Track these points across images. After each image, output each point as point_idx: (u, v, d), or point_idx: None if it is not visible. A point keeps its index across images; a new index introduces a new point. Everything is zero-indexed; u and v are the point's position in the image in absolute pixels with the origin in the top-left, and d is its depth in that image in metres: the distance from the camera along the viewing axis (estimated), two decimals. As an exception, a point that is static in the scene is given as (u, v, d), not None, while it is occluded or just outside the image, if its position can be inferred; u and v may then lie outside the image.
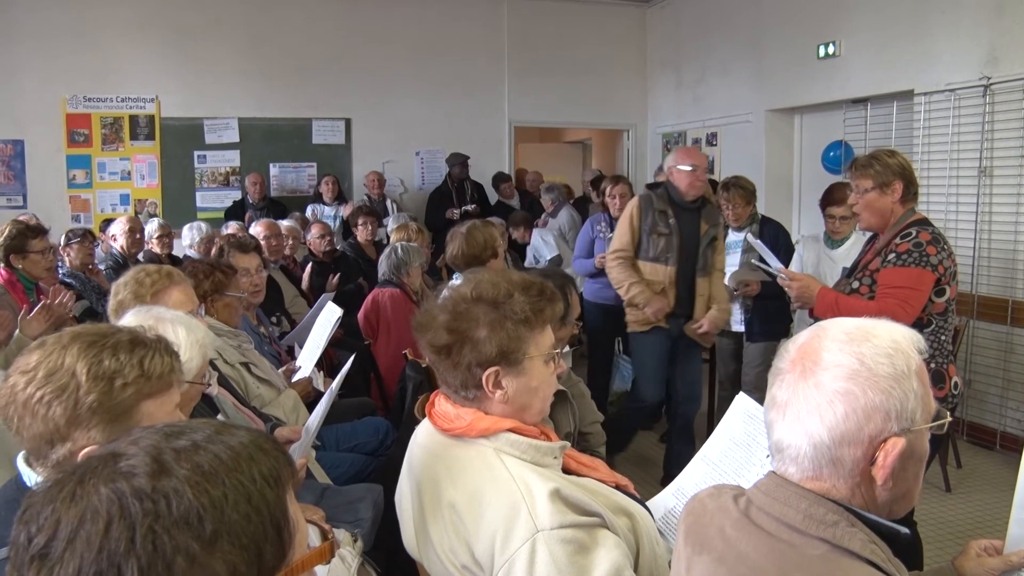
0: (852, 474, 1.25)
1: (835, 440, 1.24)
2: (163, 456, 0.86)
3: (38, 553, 0.81)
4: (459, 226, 4.16)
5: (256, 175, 8.69)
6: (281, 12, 9.15)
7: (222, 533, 0.83)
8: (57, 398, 1.47)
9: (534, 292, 1.86)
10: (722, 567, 1.32)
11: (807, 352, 1.29)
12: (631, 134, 10.75)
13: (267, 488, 0.89)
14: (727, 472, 2.19)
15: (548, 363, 1.89)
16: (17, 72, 8.41)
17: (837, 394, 1.23)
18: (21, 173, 8.58)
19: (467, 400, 1.85)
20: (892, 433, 1.23)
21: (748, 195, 5.24)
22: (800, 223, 8.15)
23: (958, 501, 4.82)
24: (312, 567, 0.95)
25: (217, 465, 0.87)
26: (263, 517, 0.87)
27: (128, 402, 1.51)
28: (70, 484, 0.84)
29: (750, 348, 5.31)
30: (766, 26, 8.12)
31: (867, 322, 1.31)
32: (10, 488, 1.60)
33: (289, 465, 0.95)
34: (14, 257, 4.42)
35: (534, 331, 1.84)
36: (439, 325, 1.83)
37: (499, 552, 1.64)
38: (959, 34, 5.89)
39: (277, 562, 0.89)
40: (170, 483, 0.83)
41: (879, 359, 1.24)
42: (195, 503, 0.82)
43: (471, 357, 1.79)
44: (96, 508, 0.81)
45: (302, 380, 3.90)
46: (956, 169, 5.93)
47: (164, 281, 2.83)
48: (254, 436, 0.94)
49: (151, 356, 1.57)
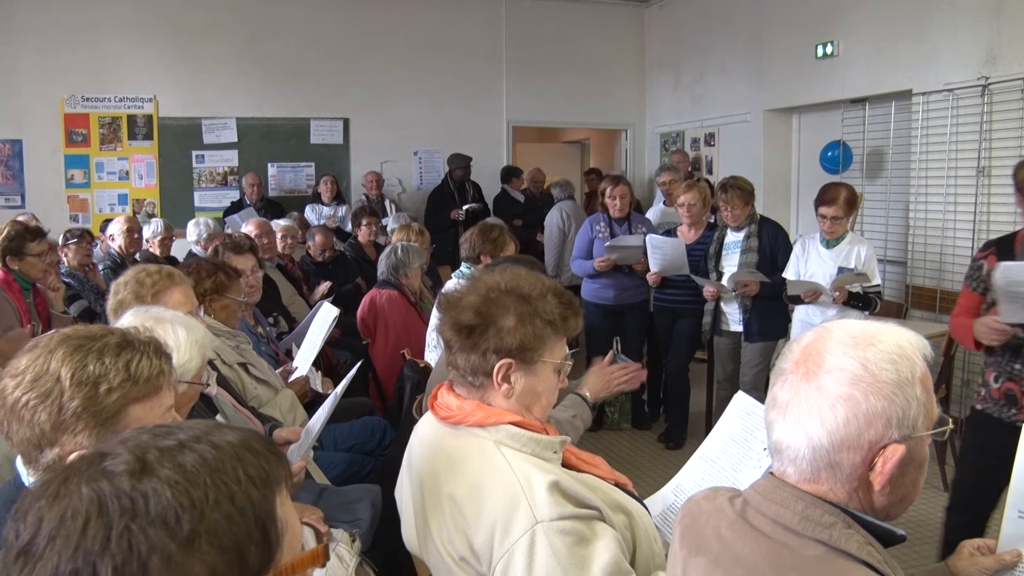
0: (850, 478, 1.25)
1: (834, 444, 1.23)
2: (147, 455, 0.86)
3: (23, 549, 0.81)
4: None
5: (254, 175, 8.68)
6: (279, 12, 9.14)
7: (200, 533, 0.82)
8: (42, 403, 1.47)
9: (565, 300, 1.90)
10: (718, 569, 1.32)
11: (811, 354, 1.28)
12: (629, 134, 10.75)
13: (253, 489, 0.88)
14: (725, 468, 2.20)
15: (556, 373, 1.90)
16: (15, 72, 8.40)
17: (839, 398, 1.23)
18: (19, 173, 8.57)
19: (472, 387, 1.86)
20: (892, 440, 1.23)
21: (746, 195, 5.23)
22: (799, 223, 8.16)
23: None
24: (304, 570, 0.94)
25: (200, 465, 0.86)
26: (247, 518, 0.86)
27: (114, 407, 1.50)
28: (55, 483, 0.85)
29: (748, 348, 5.30)
30: (764, 26, 8.12)
31: (873, 326, 1.30)
32: (9, 489, 1.61)
33: (282, 465, 0.94)
34: (11, 259, 4.41)
35: (556, 336, 1.86)
36: (467, 305, 1.84)
37: (498, 543, 1.65)
38: (957, 34, 5.89)
39: (263, 564, 0.88)
40: (150, 483, 0.83)
41: (883, 364, 1.23)
42: (173, 502, 0.82)
43: (492, 342, 1.80)
44: (76, 507, 0.81)
45: (299, 380, 3.89)
46: (954, 169, 5.93)
47: (165, 282, 2.83)
48: (244, 436, 0.93)
49: (138, 359, 1.55)
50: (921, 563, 3.84)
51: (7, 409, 1.49)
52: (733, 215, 5.24)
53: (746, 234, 5.26)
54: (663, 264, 5.48)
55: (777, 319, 5.29)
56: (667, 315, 5.80)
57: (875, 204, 6.80)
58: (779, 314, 5.28)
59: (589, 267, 5.76)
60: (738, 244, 5.29)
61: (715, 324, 5.44)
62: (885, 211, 6.75)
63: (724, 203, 5.23)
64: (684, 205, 5.60)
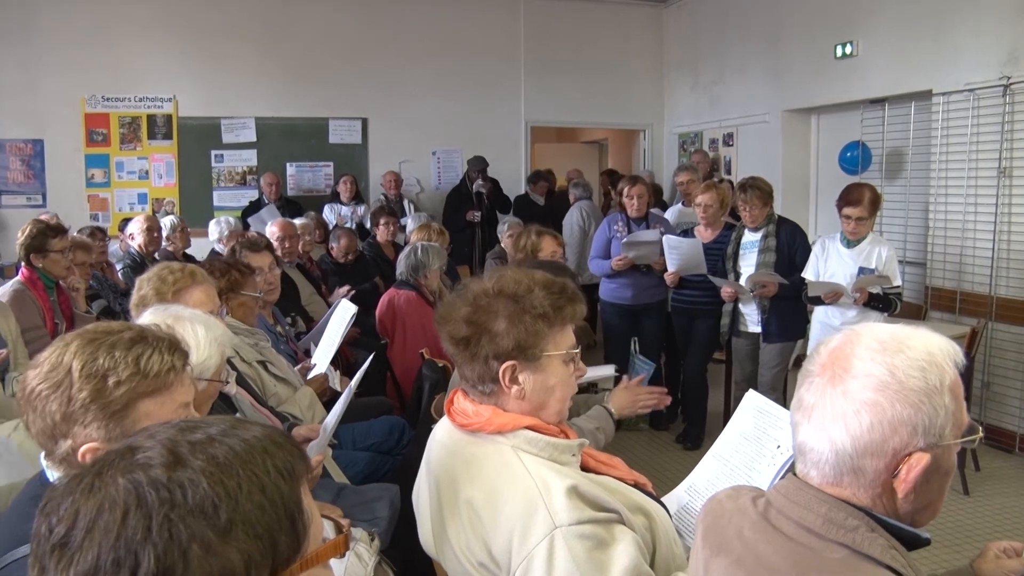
0: (873, 484, 1.24)
1: (858, 450, 1.22)
2: (179, 448, 0.87)
3: (58, 542, 0.82)
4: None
5: (272, 175, 8.72)
6: (298, 12, 9.18)
7: (237, 522, 0.84)
8: (53, 393, 1.50)
9: (555, 289, 1.86)
10: (740, 569, 1.32)
11: (838, 358, 1.27)
12: (647, 134, 10.73)
13: (281, 480, 0.89)
14: (738, 467, 2.19)
15: (567, 364, 1.88)
16: (37, 72, 8.46)
17: (864, 404, 1.21)
18: (41, 172, 8.64)
19: (484, 395, 1.85)
20: (917, 448, 1.21)
21: (765, 196, 5.21)
22: (817, 223, 8.13)
23: (976, 504, 4.78)
24: (327, 559, 0.96)
25: (232, 457, 0.88)
26: (277, 508, 0.88)
27: (122, 399, 1.52)
28: (89, 476, 0.86)
29: (767, 349, 5.29)
30: (783, 26, 8.09)
31: (903, 331, 1.28)
32: (34, 485, 1.62)
33: (303, 460, 0.96)
34: (34, 256, 4.46)
35: (553, 328, 1.84)
36: (459, 317, 1.84)
37: (517, 549, 1.64)
38: (979, 33, 5.84)
39: (292, 553, 0.89)
40: (185, 473, 0.84)
41: (911, 372, 1.21)
42: (210, 493, 0.83)
43: (488, 349, 1.79)
44: (114, 498, 0.82)
45: (318, 377, 3.91)
46: (975, 170, 5.89)
47: (186, 280, 2.84)
48: (268, 431, 0.95)
49: (149, 354, 1.57)
50: (943, 567, 3.82)
51: (26, 399, 1.53)
52: (752, 215, 5.22)
53: (764, 234, 5.25)
54: (680, 264, 5.48)
55: (796, 320, 5.27)
56: (685, 316, 5.79)
57: (894, 205, 6.76)
58: (797, 315, 5.26)
59: (607, 267, 5.75)
60: (755, 244, 5.27)
61: (733, 325, 5.43)
62: (904, 212, 6.71)
63: (743, 203, 5.22)
64: (701, 206, 5.59)
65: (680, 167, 7.88)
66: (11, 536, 1.47)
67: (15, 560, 1.42)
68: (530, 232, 4.78)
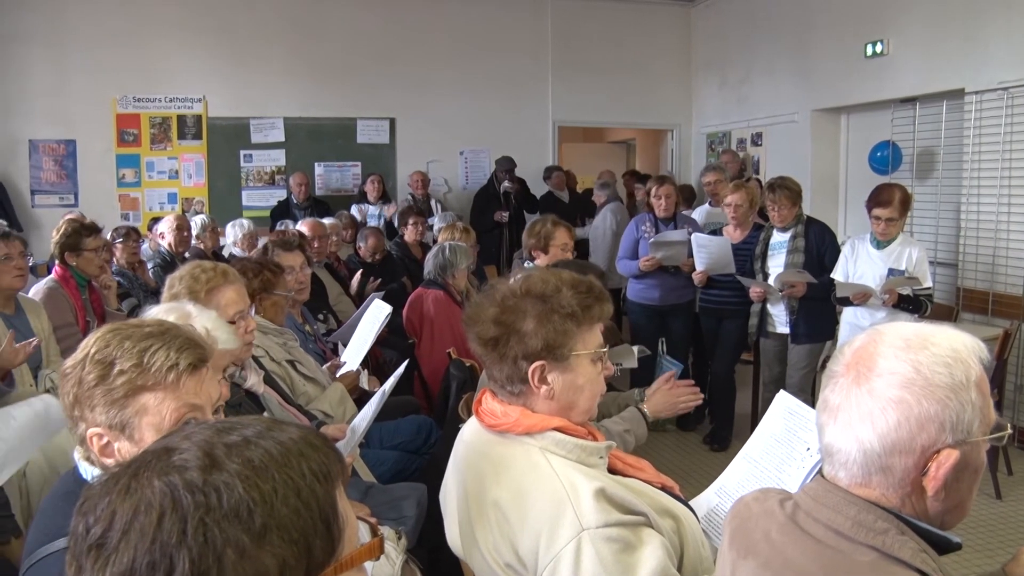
0: (903, 483, 1.23)
1: (886, 448, 1.21)
2: (214, 451, 0.87)
3: (95, 543, 0.83)
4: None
5: (301, 175, 8.76)
6: (326, 13, 9.22)
7: (272, 527, 0.84)
8: (72, 372, 1.58)
9: (583, 289, 1.86)
10: (768, 572, 1.31)
11: (862, 357, 1.26)
12: (675, 134, 10.68)
13: (316, 484, 0.89)
14: (768, 469, 2.18)
15: (596, 363, 1.88)
16: (68, 73, 8.56)
17: (890, 402, 1.21)
18: (73, 172, 8.73)
19: (513, 396, 1.85)
20: (946, 444, 1.20)
21: (794, 196, 5.18)
22: (846, 224, 8.06)
23: (1009, 508, 4.73)
24: (361, 563, 0.96)
25: (267, 460, 0.88)
26: (312, 512, 0.88)
27: (122, 389, 1.55)
28: (125, 477, 0.86)
29: (795, 350, 5.25)
30: (812, 25, 8.03)
31: (926, 328, 1.27)
32: (68, 480, 1.65)
33: (339, 463, 0.95)
34: (69, 255, 4.52)
35: (581, 327, 1.83)
36: (487, 318, 1.84)
37: (544, 551, 1.64)
38: (1012, 31, 5.77)
39: (327, 557, 0.89)
40: (221, 477, 0.84)
41: (936, 368, 1.20)
42: (245, 497, 0.83)
43: (517, 350, 1.79)
44: (150, 500, 0.83)
45: (350, 374, 3.92)
46: (1008, 170, 5.82)
47: (219, 279, 2.86)
48: (304, 432, 0.95)
49: (155, 350, 1.59)
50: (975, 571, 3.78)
51: (61, 376, 1.61)
52: (780, 215, 5.19)
53: (792, 234, 5.21)
54: (709, 263, 5.45)
55: (824, 321, 5.23)
56: (713, 316, 5.76)
57: (925, 205, 6.69)
58: (826, 316, 5.22)
59: (634, 267, 5.73)
60: (784, 244, 5.24)
61: (761, 325, 5.39)
62: (935, 212, 6.64)
63: (772, 203, 5.19)
64: (731, 205, 5.56)
65: (707, 167, 7.84)
66: (46, 531, 1.51)
67: (50, 554, 1.45)
68: (546, 221, 4.77)
